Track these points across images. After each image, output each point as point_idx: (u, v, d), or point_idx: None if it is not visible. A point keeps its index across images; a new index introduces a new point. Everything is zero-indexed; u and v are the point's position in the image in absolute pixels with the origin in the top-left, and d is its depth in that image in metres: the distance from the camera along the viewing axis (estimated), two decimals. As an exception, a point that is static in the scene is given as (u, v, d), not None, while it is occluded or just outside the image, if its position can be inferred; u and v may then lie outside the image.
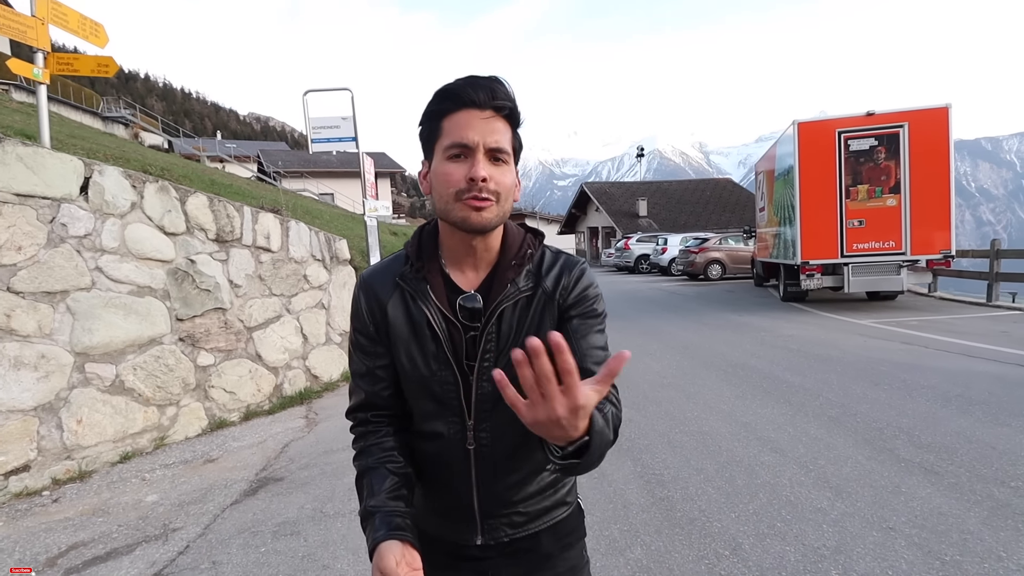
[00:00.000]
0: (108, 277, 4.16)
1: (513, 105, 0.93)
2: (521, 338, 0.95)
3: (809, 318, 9.18)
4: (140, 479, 3.74)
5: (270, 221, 5.66)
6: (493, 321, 0.95)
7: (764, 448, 3.67)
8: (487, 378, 0.95)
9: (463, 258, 0.98)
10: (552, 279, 0.99)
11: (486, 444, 0.97)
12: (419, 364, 0.97)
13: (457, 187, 0.89)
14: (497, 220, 0.92)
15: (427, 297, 0.96)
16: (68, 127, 14.08)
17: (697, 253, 18.69)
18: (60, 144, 7.17)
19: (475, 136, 0.89)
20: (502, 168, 0.91)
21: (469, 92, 0.90)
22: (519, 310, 0.96)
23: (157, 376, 4.38)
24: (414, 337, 0.97)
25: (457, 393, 0.96)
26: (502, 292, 0.95)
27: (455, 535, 1.03)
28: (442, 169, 0.91)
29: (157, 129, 38.32)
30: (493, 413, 0.96)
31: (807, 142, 9.56)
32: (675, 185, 41.68)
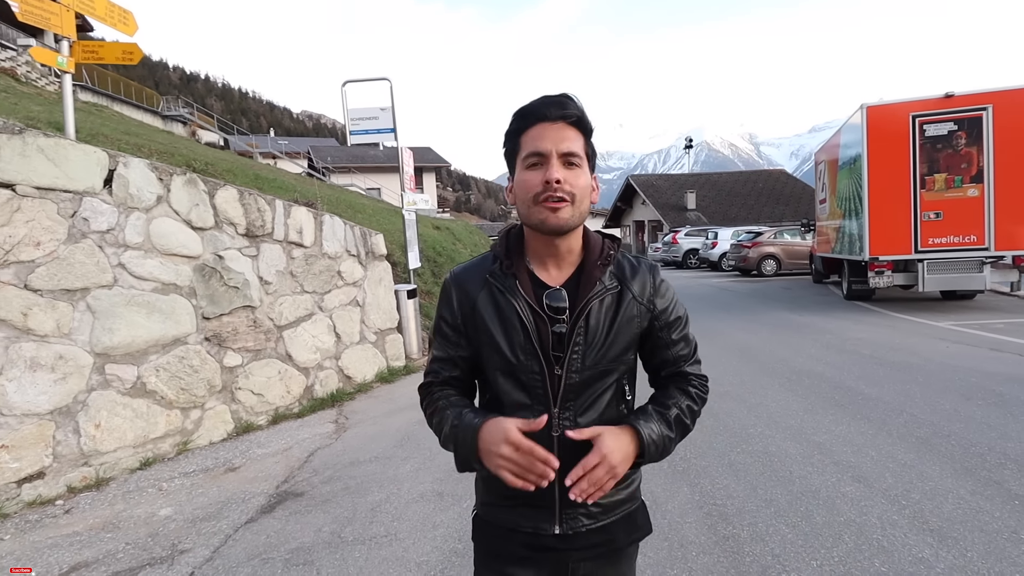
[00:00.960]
0: (131, 274, 4.00)
1: (582, 114, 1.03)
2: (611, 336, 1.05)
3: (878, 319, 8.40)
4: (157, 488, 3.55)
5: (303, 215, 5.45)
6: (583, 316, 1.02)
7: (844, 475, 3.16)
8: (576, 369, 1.02)
9: (547, 258, 1.07)
10: (638, 284, 1.08)
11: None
12: (507, 353, 1.04)
13: (535, 191, 0.99)
14: (575, 220, 1.01)
15: (516, 291, 1.04)
16: (125, 125, 14.52)
17: (750, 248, 17.75)
18: (109, 140, 7.23)
19: (548, 144, 0.99)
20: (576, 171, 1.01)
21: (540, 108, 1.01)
22: (606, 308, 1.05)
23: (181, 377, 4.21)
24: (503, 328, 1.04)
25: (543, 382, 1.03)
26: (591, 289, 1.04)
27: (533, 525, 1.06)
28: (521, 177, 1.02)
29: (213, 127, 39.57)
30: (576, 404, 1.04)
31: (877, 127, 8.73)
32: (725, 177, 40.15)
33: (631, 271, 1.09)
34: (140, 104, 33.48)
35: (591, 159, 1.06)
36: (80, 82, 27.13)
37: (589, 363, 1.03)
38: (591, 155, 1.06)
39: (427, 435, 4.30)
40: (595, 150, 1.07)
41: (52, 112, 9.76)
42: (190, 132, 33.36)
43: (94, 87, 29.20)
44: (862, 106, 8.86)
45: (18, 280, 3.43)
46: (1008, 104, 8.13)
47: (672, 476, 3.29)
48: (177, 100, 41.54)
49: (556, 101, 1.02)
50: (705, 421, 4.21)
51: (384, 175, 37.04)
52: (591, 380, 1.04)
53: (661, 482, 3.21)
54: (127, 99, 32.40)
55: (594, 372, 1.04)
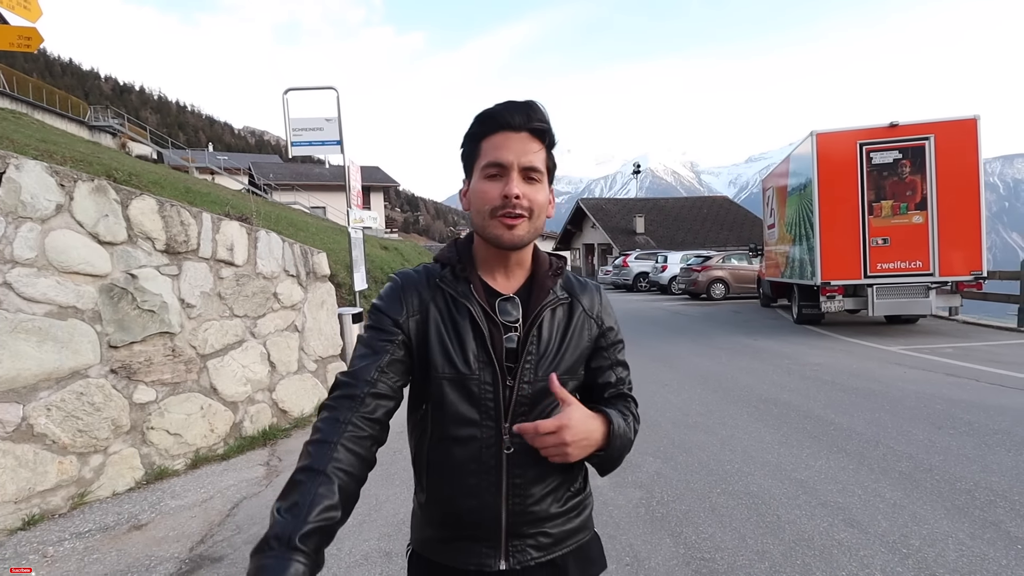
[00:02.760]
0: (19, 295, 3.37)
1: (548, 126, 0.98)
2: (564, 347, 1.01)
3: (832, 343, 8.48)
4: (41, 555, 2.91)
5: (235, 230, 4.89)
6: (536, 327, 0.99)
7: (836, 519, 2.91)
8: (528, 379, 0.96)
9: (497, 268, 1.03)
10: (587, 299, 1.08)
11: (521, 451, 0.95)
12: (458, 363, 0.96)
13: (492, 204, 0.95)
14: (529, 237, 0.98)
15: (471, 296, 0.98)
16: (44, 133, 13.33)
17: (700, 271, 18.05)
18: (15, 145, 6.42)
19: (510, 156, 0.95)
20: (535, 186, 0.97)
21: (505, 115, 0.96)
22: (559, 318, 1.02)
23: (79, 417, 3.57)
24: (457, 336, 0.97)
25: (495, 394, 0.96)
26: (544, 297, 1.01)
27: (475, 559, 0.98)
28: (479, 187, 0.97)
29: (146, 139, 37.57)
30: (528, 418, 0.95)
31: (826, 154, 8.94)
32: (672, 203, 41.33)
33: (579, 287, 1.08)
34: (65, 113, 31.52)
35: (551, 172, 1.02)
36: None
37: (542, 374, 0.97)
38: (551, 168, 1.02)
39: (371, 479, 3.78)
40: (555, 163, 1.03)
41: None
42: (120, 144, 31.50)
43: (13, 93, 27.24)
44: (812, 133, 9.07)
45: None
46: (949, 134, 8.48)
47: (651, 524, 2.94)
48: (107, 111, 39.33)
49: (522, 108, 0.96)
50: (678, 457, 3.92)
51: (329, 193, 36.09)
52: (543, 393, 0.97)
53: (640, 532, 2.86)
54: (50, 107, 30.45)
55: (546, 384, 0.97)
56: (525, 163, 0.95)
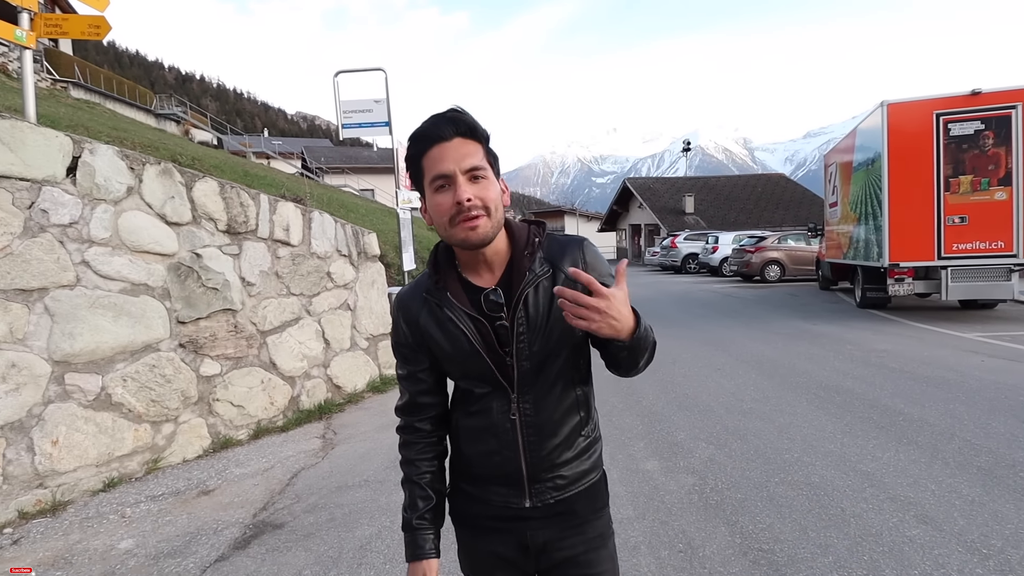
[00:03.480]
0: (96, 273, 3.57)
1: (474, 125, 1.04)
2: (551, 319, 1.07)
3: (899, 329, 8.02)
4: (120, 515, 3.12)
5: (290, 211, 5.03)
6: (521, 307, 1.06)
7: (907, 515, 2.76)
8: (525, 356, 1.08)
9: (477, 264, 1.10)
10: (568, 261, 1.10)
11: (529, 414, 1.10)
12: (456, 360, 1.11)
13: (448, 213, 1.01)
14: (493, 231, 1.04)
15: (449, 303, 1.09)
16: (115, 121, 14.06)
17: (753, 252, 17.37)
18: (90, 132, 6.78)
19: (450, 165, 1.01)
20: (483, 184, 1.03)
21: (434, 130, 1.03)
22: (542, 293, 1.07)
23: (152, 388, 3.78)
24: (448, 340, 1.10)
25: (495, 377, 1.09)
26: (522, 280, 1.07)
27: (505, 499, 1.13)
28: (433, 201, 1.04)
29: (207, 126, 39.03)
30: (534, 387, 1.09)
31: (898, 126, 8.36)
32: (724, 181, 39.85)
33: (559, 251, 1.11)
34: (133, 102, 32.96)
35: (494, 165, 1.08)
36: (72, 79, 26.66)
37: (537, 348, 1.07)
38: (493, 161, 1.08)
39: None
40: (496, 155, 1.09)
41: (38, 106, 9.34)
42: (183, 131, 32.85)
43: (87, 84, 28.66)
44: (882, 103, 8.49)
45: (-38, 278, 3.00)
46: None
47: (705, 511, 2.87)
48: (171, 99, 40.96)
49: (447, 119, 1.03)
50: (731, 444, 3.81)
51: (378, 176, 36.62)
52: (543, 364, 1.08)
53: (693, 519, 2.80)
54: (120, 97, 31.89)
55: (543, 356, 1.08)
56: (466, 166, 1.00)
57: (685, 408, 4.65)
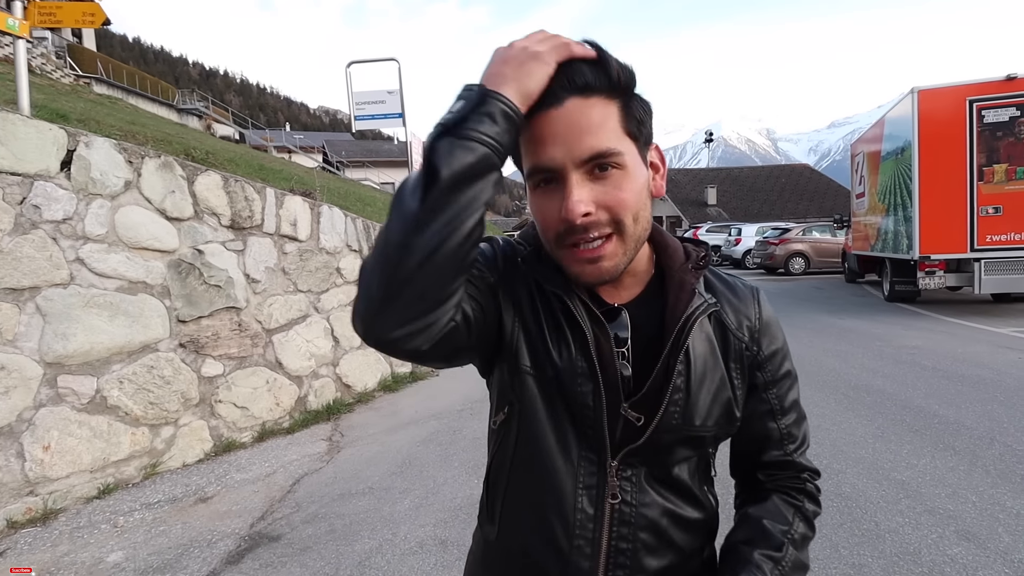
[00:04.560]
0: (91, 271, 3.47)
1: (608, 70, 0.62)
2: (719, 381, 0.70)
3: (930, 324, 7.66)
4: (112, 525, 3.02)
5: (298, 205, 4.90)
6: (684, 346, 0.67)
7: (946, 530, 2.52)
8: (668, 427, 0.67)
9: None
10: (735, 310, 0.73)
11: (630, 503, 0.68)
12: (556, 366, 0.67)
13: (555, 229, 0.64)
14: (626, 259, 0.66)
15: (565, 285, 0.68)
16: (135, 116, 14.12)
17: (777, 245, 16.95)
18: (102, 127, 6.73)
19: (557, 152, 0.62)
20: (614, 178, 0.63)
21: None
22: (709, 336, 0.70)
23: (150, 390, 3.67)
24: (555, 334, 0.68)
25: (599, 423, 0.67)
26: (690, 301, 0.68)
27: None
28: (534, 203, 0.67)
29: (229, 121, 39.36)
30: (648, 465, 0.69)
31: (929, 113, 7.96)
32: (747, 172, 39.12)
33: (725, 288, 0.74)
34: (156, 98, 33.34)
35: (641, 131, 0.66)
36: (95, 75, 27.04)
37: (689, 419, 0.68)
38: (640, 125, 0.65)
39: (430, 460, 3.76)
40: (646, 107, 0.66)
41: (57, 101, 9.35)
42: (205, 125, 33.16)
43: (110, 80, 29.03)
44: (912, 90, 8.09)
45: (-50, 278, 2.91)
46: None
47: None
48: (193, 94, 41.35)
49: (571, 65, 0.62)
50: (756, 448, 3.57)
51: (398, 169, 36.66)
52: (679, 443, 0.69)
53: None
54: (142, 92, 32.27)
55: (687, 435, 0.69)
56: (584, 154, 0.61)
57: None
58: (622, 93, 0.64)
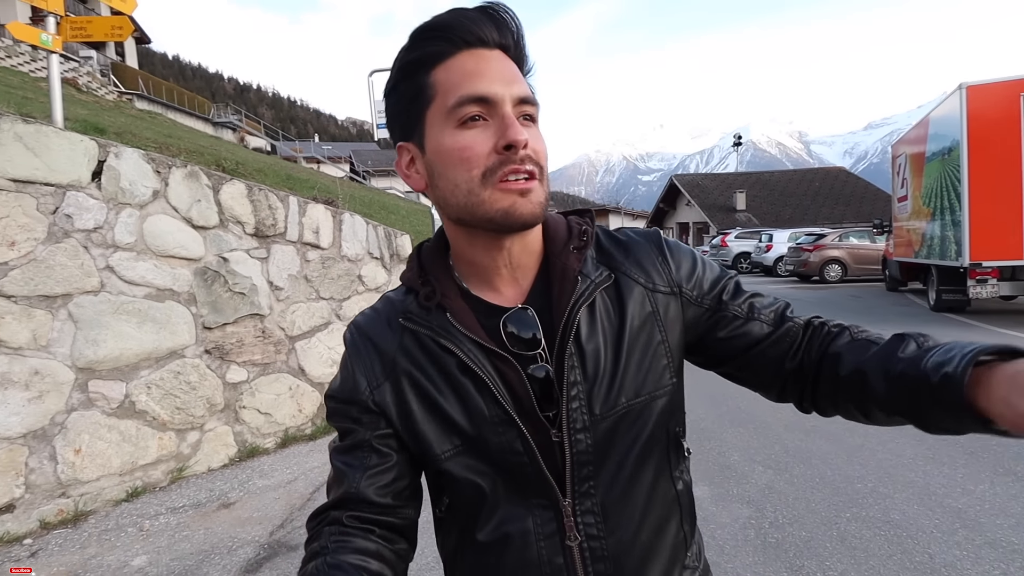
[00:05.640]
0: (120, 278, 3.51)
1: (523, 41, 0.65)
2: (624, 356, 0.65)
3: (982, 336, 7.26)
4: (138, 528, 3.02)
5: (320, 213, 4.91)
6: (571, 336, 0.64)
7: (1011, 566, 2.31)
8: (580, 425, 0.63)
9: (491, 271, 0.68)
10: (637, 263, 0.70)
11: (597, 536, 0.63)
12: (467, 431, 0.64)
13: (485, 164, 0.60)
14: (541, 211, 0.63)
15: (452, 331, 0.65)
16: (171, 129, 14.62)
17: (811, 251, 16.42)
18: (137, 139, 6.94)
19: (498, 85, 0.60)
20: (534, 129, 0.63)
21: (470, 26, 0.61)
22: (601, 314, 0.66)
23: (177, 395, 3.70)
24: (450, 393, 0.64)
25: (534, 463, 0.62)
26: (571, 289, 0.65)
27: None
28: (453, 144, 0.61)
29: (260, 133, 40.42)
30: (600, 482, 0.64)
31: (979, 111, 7.58)
32: (777, 176, 38.26)
33: (620, 249, 0.72)
34: (193, 112, 34.49)
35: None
36: (136, 91, 28.13)
37: (601, 409, 0.64)
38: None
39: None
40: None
41: (99, 116, 9.71)
42: (239, 138, 34.15)
43: (150, 95, 30.14)
44: (960, 86, 7.72)
45: (-14, 285, 2.97)
46: None
47: (763, 552, 2.51)
48: (227, 108, 42.61)
49: (490, 16, 0.62)
50: (793, 468, 3.40)
51: (423, 177, 36.93)
52: (612, 437, 0.65)
53: (749, 560, 2.44)
54: (180, 107, 33.43)
55: (612, 421, 0.65)
56: (519, 93, 0.62)
57: (738, 424, 4.25)
58: (526, 73, 0.66)
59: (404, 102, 0.65)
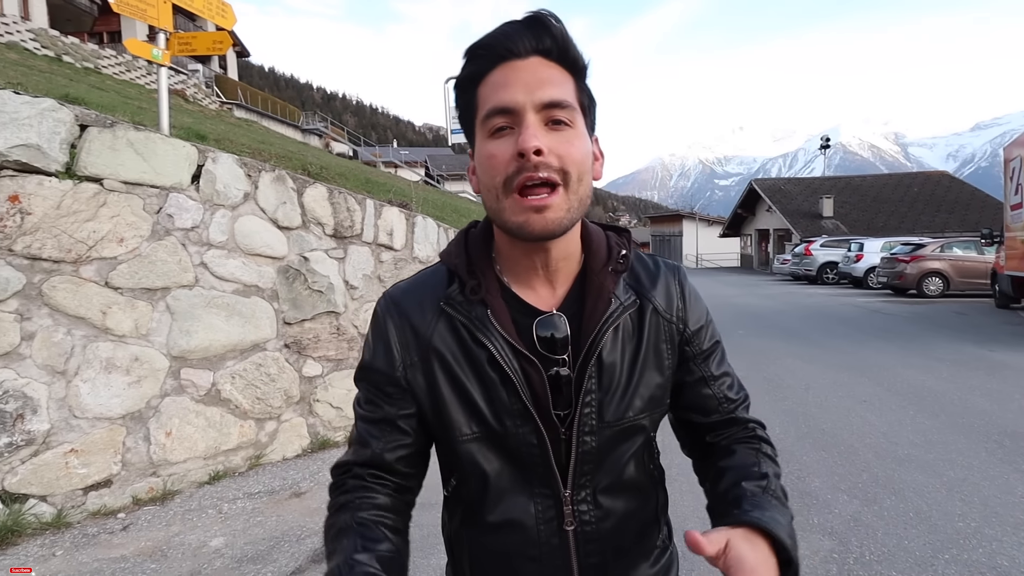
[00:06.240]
0: (212, 274, 3.77)
1: (566, 41, 0.68)
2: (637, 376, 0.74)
3: (1112, 362, 6.42)
4: (218, 511, 3.22)
5: (394, 216, 5.06)
6: (596, 352, 0.71)
7: None
8: (590, 429, 0.71)
9: (529, 271, 0.73)
10: (662, 293, 0.77)
11: (589, 522, 0.73)
12: (489, 419, 0.71)
13: (504, 172, 0.65)
14: (569, 217, 0.67)
15: (488, 326, 0.70)
16: (264, 136, 15.63)
17: (908, 262, 15.15)
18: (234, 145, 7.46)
19: (517, 94, 0.65)
20: (566, 133, 0.66)
21: (504, 41, 0.67)
22: (625, 335, 0.74)
23: (257, 386, 3.92)
24: (477, 383, 0.71)
25: (544, 456, 0.70)
26: (604, 310, 0.72)
27: None
28: (484, 151, 0.68)
29: (344, 139, 42.43)
30: (596, 477, 0.73)
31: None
32: (870, 181, 35.66)
33: (648, 275, 0.78)
34: (284, 119, 36.70)
35: (589, 112, 0.71)
36: (236, 101, 30.29)
37: (610, 417, 0.72)
38: (588, 106, 0.71)
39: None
40: (592, 96, 0.72)
41: (202, 124, 10.54)
42: (324, 144, 36.02)
43: (247, 105, 32.36)
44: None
45: (99, 277, 3.26)
46: None
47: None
48: (315, 116, 45.01)
49: (526, 25, 0.66)
50: (883, 499, 3.12)
51: (498, 181, 37.41)
52: (614, 442, 0.73)
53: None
54: (273, 115, 35.67)
55: (617, 430, 0.72)
56: (543, 98, 0.65)
57: (821, 448, 3.96)
58: (577, 72, 0.70)
59: (462, 115, 0.73)
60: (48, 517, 2.96)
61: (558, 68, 0.68)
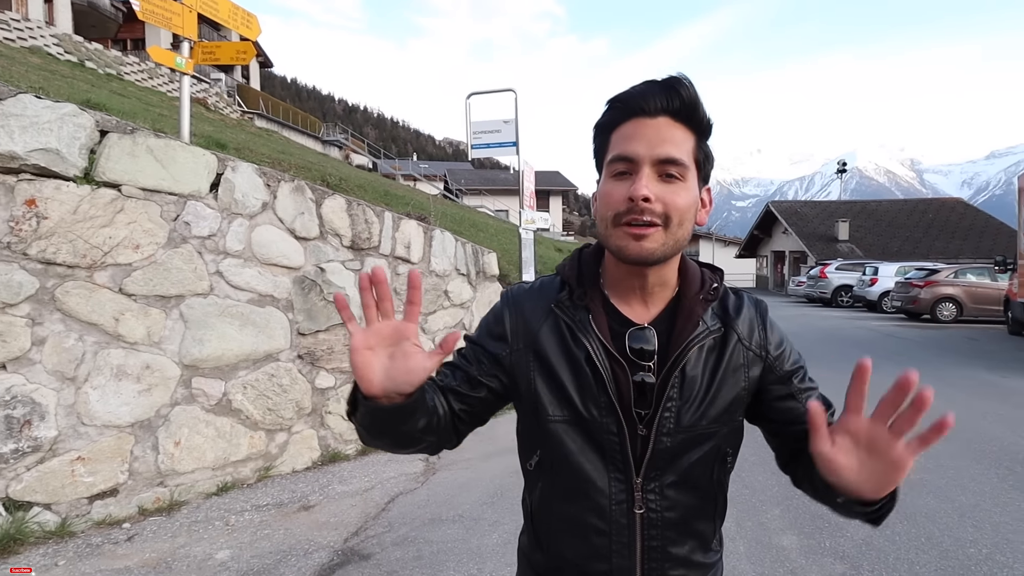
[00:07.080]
0: (228, 283, 3.78)
1: (695, 105, 0.80)
2: (713, 390, 0.85)
3: None
4: (224, 523, 3.19)
5: (412, 229, 5.07)
6: (680, 365, 0.83)
7: None
8: (667, 431, 0.83)
9: (630, 289, 0.88)
10: (745, 324, 0.88)
11: (656, 509, 0.84)
12: (578, 406, 0.84)
13: (616, 209, 0.80)
14: (666, 250, 0.81)
15: (588, 328, 0.85)
16: (284, 146, 15.81)
17: (922, 287, 14.99)
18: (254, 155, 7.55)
19: (640, 147, 0.79)
20: (675, 186, 0.80)
21: (638, 98, 0.80)
22: (708, 355, 0.85)
23: (269, 397, 3.90)
24: (571, 375, 0.85)
25: (622, 445, 0.83)
26: (692, 330, 0.84)
27: None
28: (604, 188, 0.84)
29: (364, 151, 42.81)
30: (666, 473, 0.84)
31: None
32: (886, 206, 35.47)
33: (735, 308, 0.89)
34: (305, 130, 37.09)
35: (703, 167, 0.84)
36: (257, 111, 30.64)
37: (686, 423, 0.83)
38: (703, 162, 0.83)
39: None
40: (710, 154, 0.85)
41: (223, 133, 10.69)
42: (344, 155, 36.35)
43: (268, 115, 32.78)
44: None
45: (113, 283, 3.27)
46: None
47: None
48: (335, 127, 45.46)
49: (660, 86, 0.79)
50: (895, 524, 3.05)
51: (513, 197, 37.52)
52: (686, 445, 0.83)
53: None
54: (294, 126, 36.07)
55: (690, 435, 0.83)
56: (660, 155, 0.78)
57: (836, 473, 3.88)
58: (700, 133, 0.82)
59: (596, 150, 0.87)
60: (52, 526, 2.93)
61: (682, 128, 0.80)
